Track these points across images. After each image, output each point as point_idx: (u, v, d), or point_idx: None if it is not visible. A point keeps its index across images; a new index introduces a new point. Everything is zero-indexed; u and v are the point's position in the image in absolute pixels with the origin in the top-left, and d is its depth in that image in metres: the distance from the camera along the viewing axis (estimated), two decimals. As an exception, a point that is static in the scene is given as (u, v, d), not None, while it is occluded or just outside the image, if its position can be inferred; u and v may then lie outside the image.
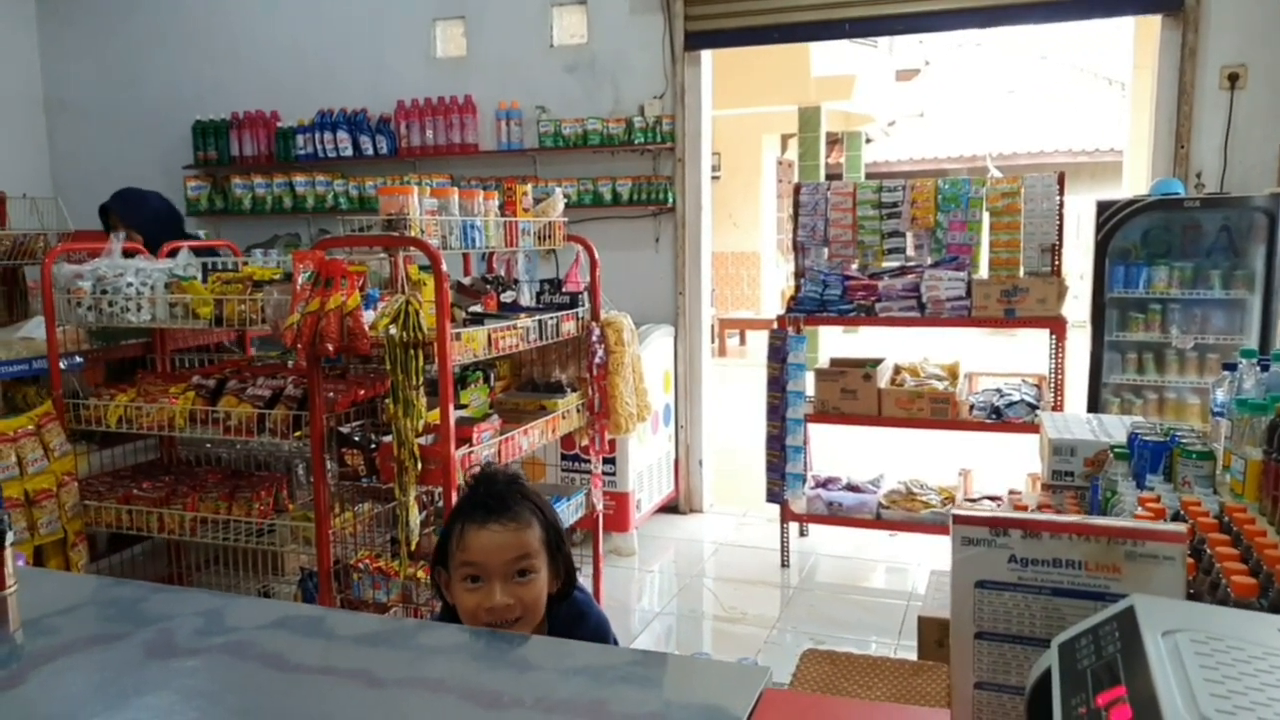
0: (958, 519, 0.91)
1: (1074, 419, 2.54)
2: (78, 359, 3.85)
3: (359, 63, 5.81)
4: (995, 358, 7.62)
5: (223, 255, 4.50)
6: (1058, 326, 4.11)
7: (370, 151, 5.72)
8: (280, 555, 3.51)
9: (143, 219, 4.27)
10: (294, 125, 5.91)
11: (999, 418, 4.19)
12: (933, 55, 15.05)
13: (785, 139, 13.11)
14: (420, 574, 2.99)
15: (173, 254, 3.72)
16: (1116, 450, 2.04)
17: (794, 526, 4.64)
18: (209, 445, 3.93)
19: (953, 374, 4.57)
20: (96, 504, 3.54)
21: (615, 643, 1.69)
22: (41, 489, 3.45)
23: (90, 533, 3.58)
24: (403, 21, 5.69)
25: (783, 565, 4.53)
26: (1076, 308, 4.59)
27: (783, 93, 9.91)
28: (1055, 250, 4.22)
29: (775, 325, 4.40)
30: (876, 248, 4.52)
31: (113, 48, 6.46)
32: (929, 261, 4.42)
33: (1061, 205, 4.22)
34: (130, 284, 3.40)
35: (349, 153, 5.76)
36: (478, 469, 2.58)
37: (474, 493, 1.65)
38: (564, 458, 4.58)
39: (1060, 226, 4.22)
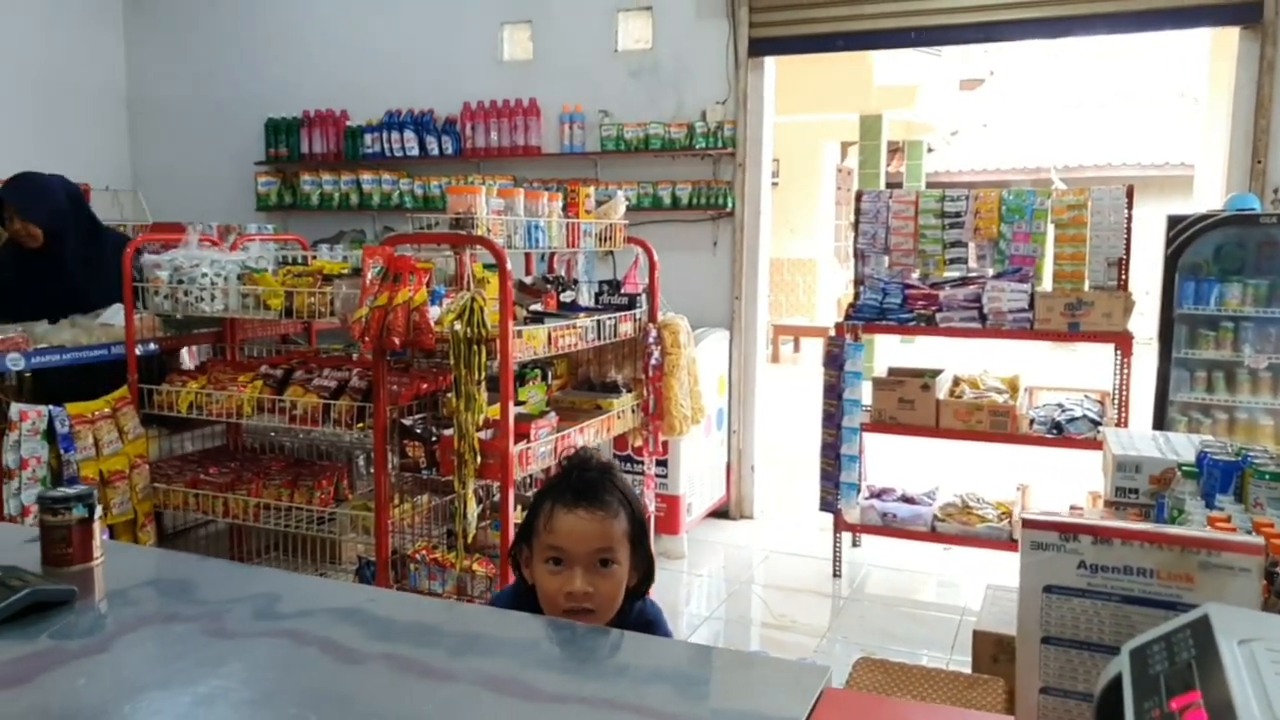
0: (1027, 523, 0.91)
1: (1140, 435, 2.49)
2: (153, 346, 3.99)
3: (427, 64, 5.92)
4: (1056, 372, 7.49)
5: (290, 249, 4.62)
6: (1123, 342, 4.03)
7: (435, 152, 5.82)
8: (339, 543, 3.60)
9: (44, 214, 3.75)
10: (362, 124, 6.04)
11: (1060, 433, 4.12)
12: (998, 65, 14.81)
13: (845, 146, 13.03)
14: (476, 566, 3.04)
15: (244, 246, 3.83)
16: (1185, 468, 2.01)
17: (846, 536, 4.61)
18: (273, 433, 4.04)
19: (1013, 387, 4.50)
20: (165, 486, 3.66)
21: (667, 631, 1.69)
22: (115, 470, 3.58)
23: (157, 514, 3.71)
24: (471, 25, 5.79)
25: (834, 575, 4.50)
26: (1142, 324, 4.49)
27: (844, 100, 9.85)
28: (1122, 264, 4.14)
29: (833, 332, 4.38)
30: (938, 257, 4.47)
31: (192, 48, 6.67)
32: (991, 273, 4.37)
33: (1130, 219, 4.14)
34: (205, 274, 3.51)
35: (415, 152, 5.87)
36: (573, 451, 2.59)
37: (567, 476, 1.65)
38: (617, 457, 4.61)
39: (1128, 240, 4.14)
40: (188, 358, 4.71)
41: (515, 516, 3.11)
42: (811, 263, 12.38)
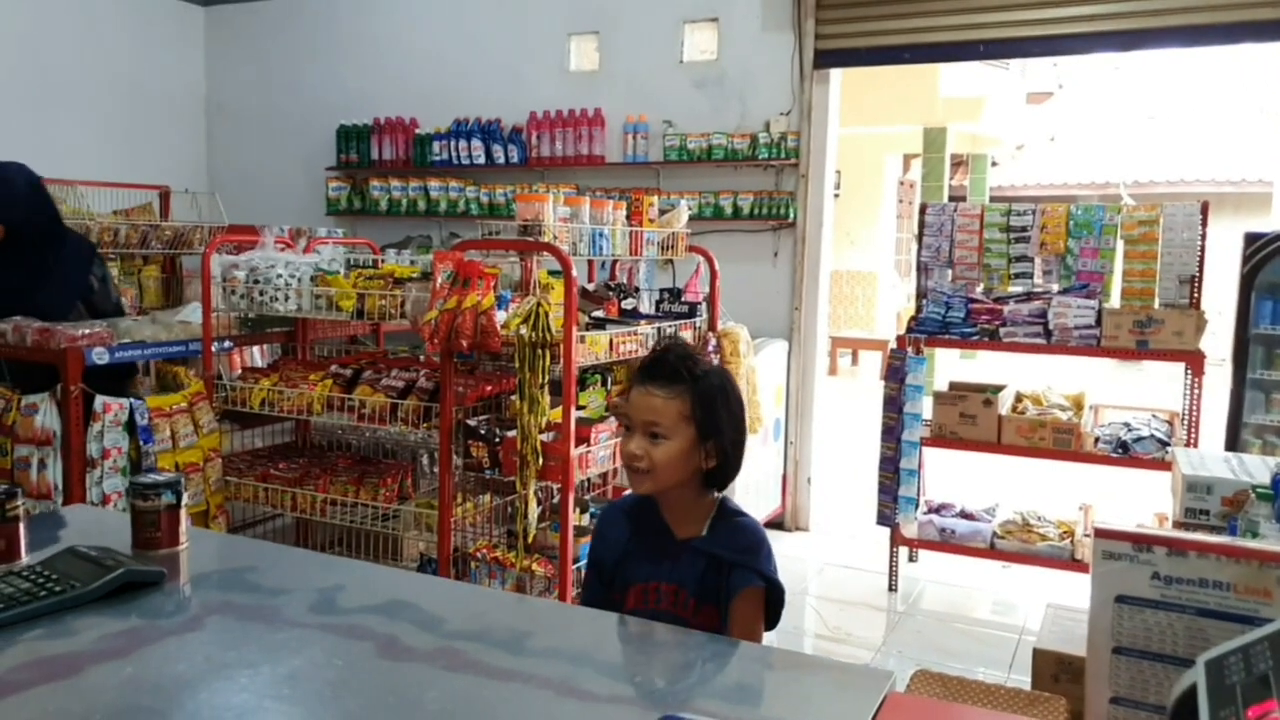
0: (1100, 532, 0.91)
1: (1211, 456, 2.44)
2: (228, 343, 4.13)
3: (495, 74, 6.03)
4: (1122, 391, 7.31)
5: (360, 252, 4.74)
6: (1195, 361, 3.94)
7: (501, 160, 5.92)
8: (401, 540, 3.68)
9: (9, 215, 3.39)
10: (431, 132, 6.16)
11: (1126, 452, 4.03)
12: (1067, 78, 14.54)
13: (908, 159, 12.90)
14: (536, 567, 3.09)
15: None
16: (1259, 490, 1.97)
17: (903, 551, 4.56)
18: (340, 431, 4.15)
19: (1078, 405, 4.42)
20: (237, 480, 3.78)
21: (771, 559, 1.76)
22: (190, 462, 3.71)
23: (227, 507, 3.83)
24: (539, 35, 5.88)
25: (890, 589, 4.46)
26: (1214, 344, 4.38)
27: (909, 112, 9.77)
28: (1195, 282, 4.04)
29: (895, 345, 4.35)
30: (1002, 271, 4.42)
31: (269, 56, 6.88)
32: (1057, 288, 4.30)
33: (1204, 236, 4.04)
34: (280, 275, 3.63)
35: (481, 160, 5.97)
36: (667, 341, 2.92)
37: (650, 356, 1.86)
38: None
39: (1202, 258, 4.04)
40: (259, 356, 4.87)
41: (575, 518, 3.15)
42: (871, 275, 12.27)
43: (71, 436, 3.48)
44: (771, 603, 1.75)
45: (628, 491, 1.89)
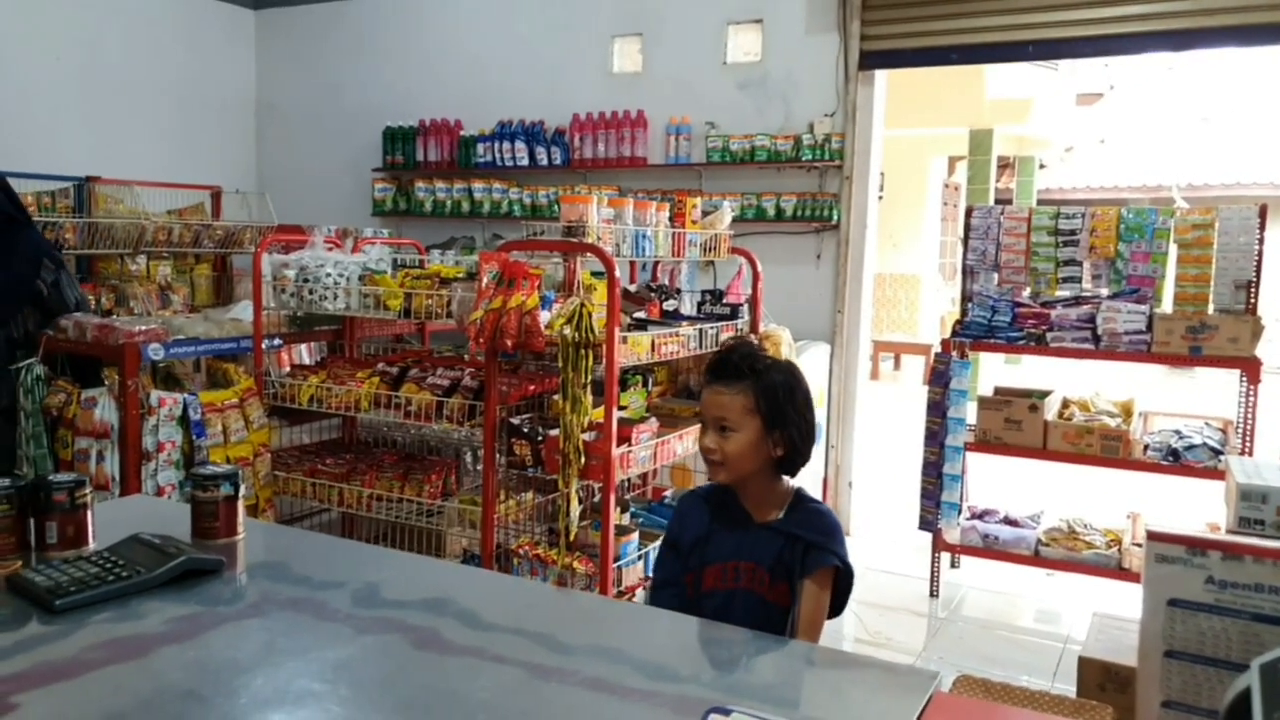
0: (1153, 535, 0.91)
1: (1267, 465, 2.39)
2: (277, 341, 4.22)
3: (539, 76, 6.08)
4: (1171, 399, 7.17)
5: (406, 252, 4.81)
6: (1250, 368, 3.85)
7: (544, 162, 5.96)
8: (444, 536, 3.73)
9: None
10: (475, 134, 6.22)
11: (1176, 460, 3.96)
12: (1118, 79, 14.28)
13: (953, 161, 12.76)
14: (577, 565, 3.11)
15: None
16: (1316, 499, 1.92)
17: (945, 556, 4.52)
18: (386, 428, 4.21)
19: (1126, 411, 4.35)
20: (285, 474, 3.85)
21: (844, 546, 1.89)
22: (240, 457, 3.79)
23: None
24: (583, 38, 5.92)
25: (931, 595, 4.43)
26: (1271, 350, 4.28)
27: (954, 114, 9.67)
28: (1251, 287, 3.96)
29: (939, 348, 4.32)
30: (1050, 275, 4.36)
31: (318, 59, 7.00)
32: (1106, 292, 4.23)
33: (1261, 240, 3.96)
34: (329, 274, 3.70)
35: (525, 162, 6.02)
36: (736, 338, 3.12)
37: (715, 356, 1.99)
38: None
39: (1259, 263, 3.96)
40: (306, 354, 4.96)
41: (616, 517, 3.17)
42: (915, 278, 12.15)
43: (128, 430, 3.58)
44: (841, 590, 1.87)
45: (669, 492, 2.04)
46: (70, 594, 1.29)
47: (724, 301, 3.83)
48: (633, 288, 4.03)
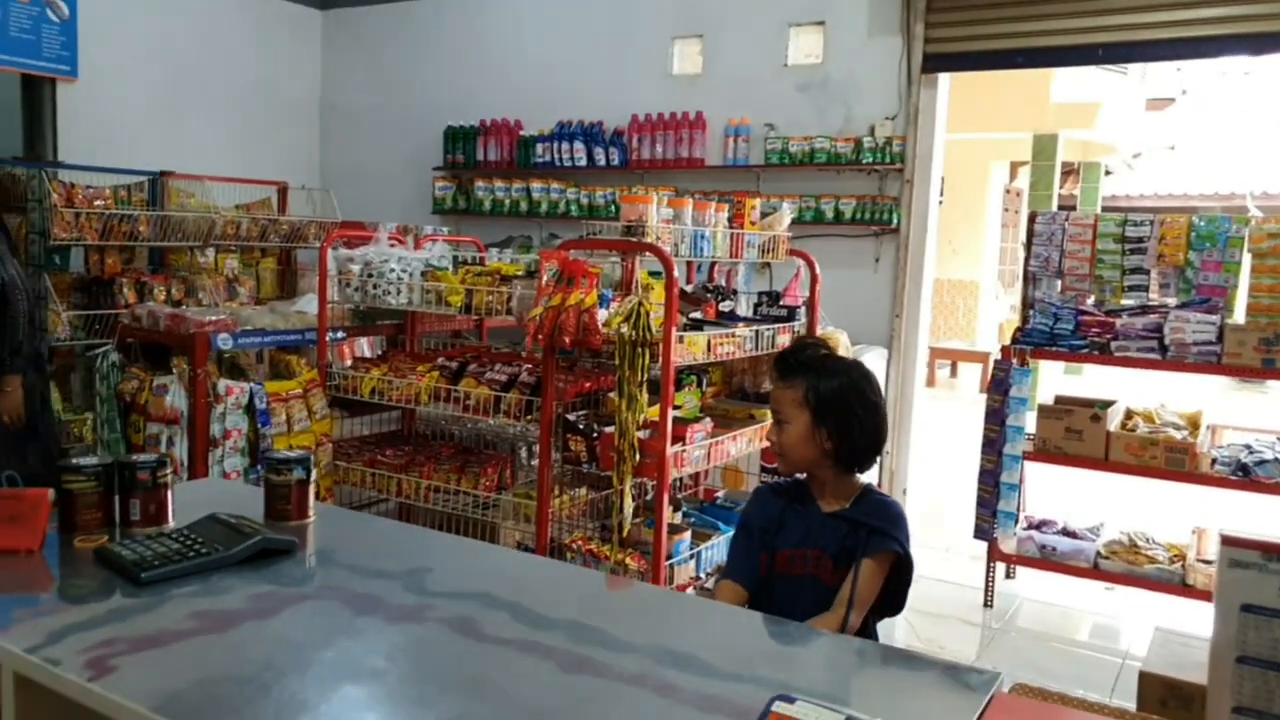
0: (1227, 540, 0.90)
1: (1342, 480, 2.32)
2: (340, 334, 4.32)
3: (598, 77, 6.12)
4: (1240, 412, 6.97)
5: (465, 250, 4.89)
6: (1325, 382, 3.73)
7: (602, 162, 6.00)
8: (499, 529, 3.78)
9: None
10: (535, 134, 6.29)
11: (1246, 475, 3.85)
12: (1191, 84, 13.89)
13: (1015, 167, 12.54)
14: (629, 561, 3.14)
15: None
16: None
17: (1000, 567, 4.46)
18: (443, 421, 4.28)
19: (1193, 424, 4.24)
20: (346, 464, 3.94)
21: (908, 536, 1.96)
22: (303, 446, 3.88)
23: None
24: (643, 39, 5.95)
25: (985, 605, 4.36)
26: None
27: (1018, 118, 9.50)
28: (1328, 299, 3.83)
29: (999, 355, 4.26)
30: (1115, 284, 4.28)
31: (382, 59, 7.14)
32: (1174, 302, 4.14)
33: (1340, 250, 3.83)
34: (393, 270, 3.77)
35: (583, 162, 6.07)
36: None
37: (779, 353, 2.11)
38: (763, 469, 4.62)
39: (1337, 273, 3.83)
40: (367, 348, 5.06)
41: (668, 516, 3.19)
42: (973, 285, 11.97)
43: (197, 417, 3.69)
44: (901, 582, 1.95)
45: (720, 493, 2.13)
46: (155, 567, 1.35)
47: (781, 303, 3.83)
48: (689, 288, 4.05)
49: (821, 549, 1.95)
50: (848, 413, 1.95)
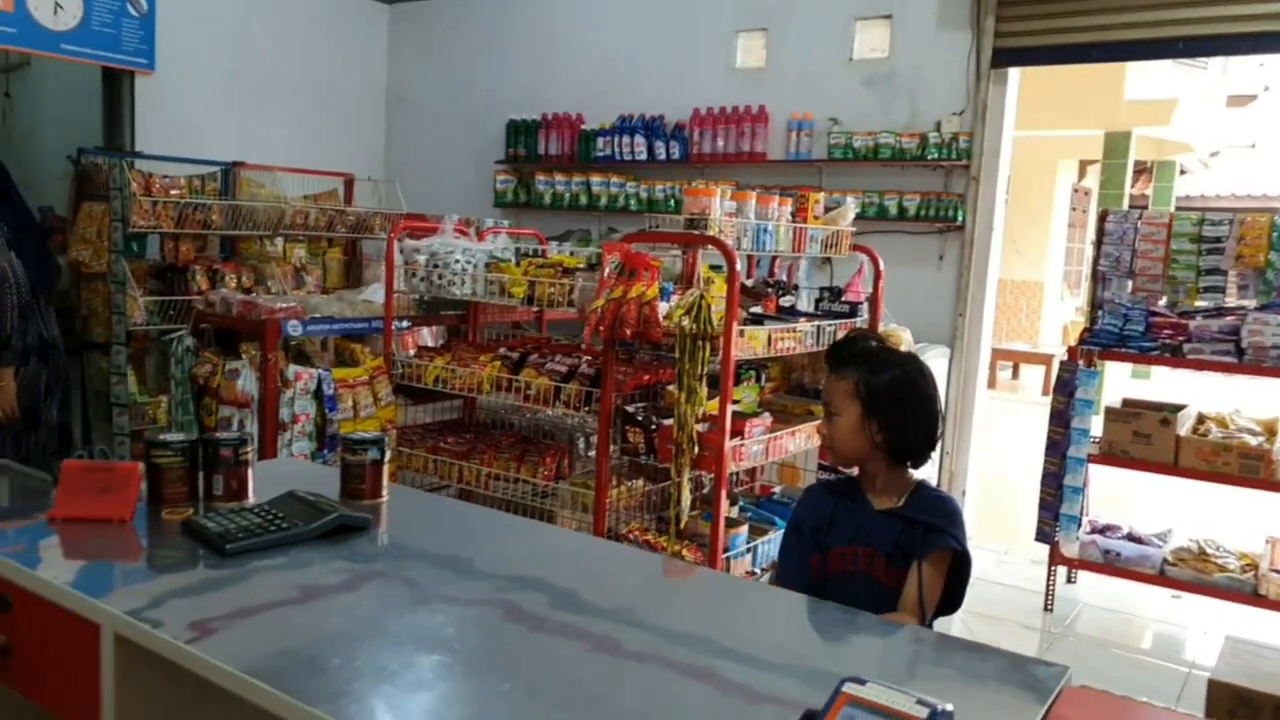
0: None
1: None
2: (405, 323, 4.40)
3: (661, 71, 6.13)
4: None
5: (527, 243, 4.94)
6: None
7: (663, 156, 6.01)
8: (556, 518, 3.82)
9: None
10: (596, 128, 6.32)
11: (1323, 485, 3.73)
12: (1275, 79, 13.39)
13: (1084, 165, 12.24)
14: (685, 553, 3.15)
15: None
16: None
17: (1061, 571, 4.38)
18: (503, 411, 4.34)
19: (1270, 430, 4.11)
20: (409, 451, 4.01)
21: (964, 532, 1.92)
22: (368, 431, 3.97)
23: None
24: (706, 33, 5.95)
25: (1045, 609, 4.29)
26: None
27: (1089, 115, 9.27)
28: None
29: (1065, 356, 4.18)
30: (1190, 285, 4.16)
31: (447, 53, 7.24)
32: (1254, 304, 4.01)
33: None
34: (458, 261, 3.83)
35: (643, 156, 6.08)
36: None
37: (832, 345, 2.14)
38: (821, 467, 4.60)
39: None
40: (429, 337, 5.15)
41: (725, 509, 3.20)
42: (1037, 285, 11.73)
43: (267, 401, 3.80)
44: (959, 579, 1.90)
45: (777, 489, 2.11)
46: (239, 540, 1.40)
47: (843, 299, 3.80)
48: (750, 282, 4.04)
49: (874, 546, 1.92)
50: (900, 405, 1.92)
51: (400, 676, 1.08)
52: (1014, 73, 5.06)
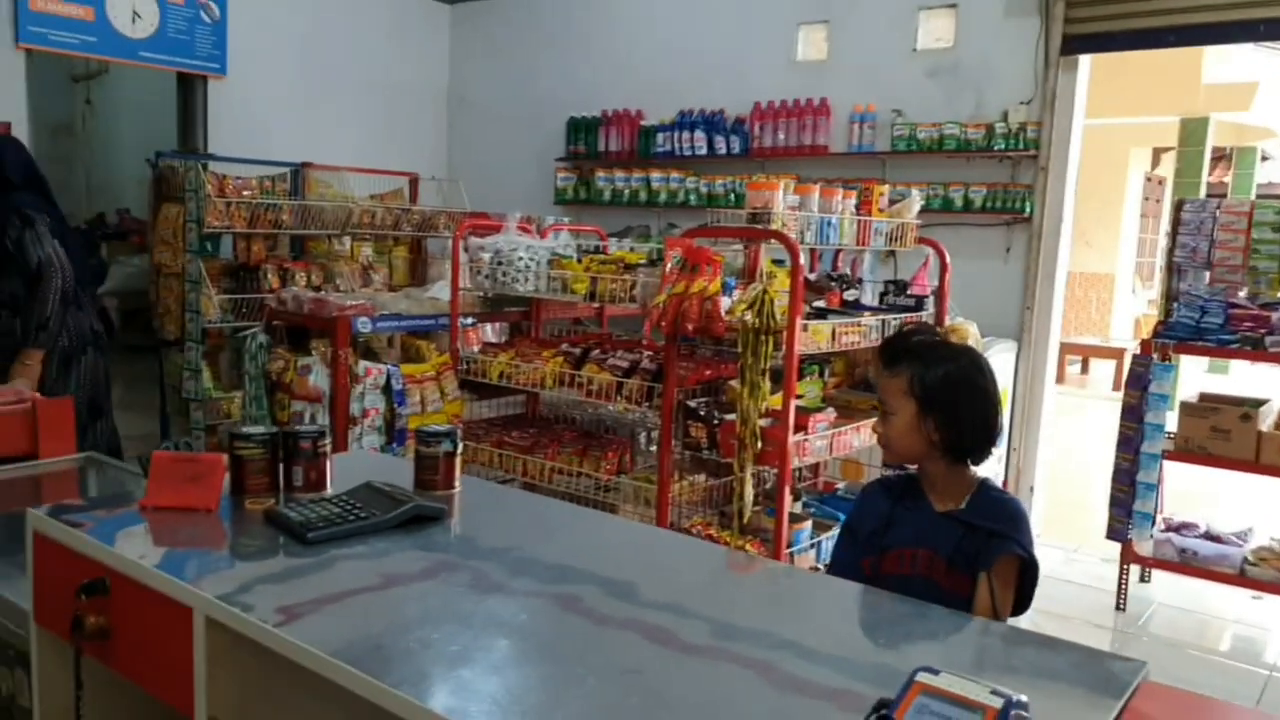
0: None
1: None
2: (470, 319, 4.47)
3: (721, 65, 6.11)
4: None
5: (588, 239, 4.98)
6: None
7: (723, 150, 6.00)
8: (618, 511, 3.85)
9: None
10: (656, 124, 6.33)
11: None
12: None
13: (1158, 153, 11.87)
14: (748, 548, 3.16)
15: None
16: None
17: (1134, 570, 4.27)
18: (565, 406, 4.39)
19: (1357, 426, 3.96)
20: (474, 445, 4.08)
21: (1029, 535, 1.86)
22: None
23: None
24: (767, 26, 5.92)
25: (1117, 608, 4.19)
26: None
27: (1163, 101, 8.98)
28: None
29: (1139, 349, 4.07)
30: (1273, 275, 4.03)
31: (507, 52, 7.32)
32: (1340, 295, 3.87)
33: None
34: (521, 258, 3.88)
35: (703, 151, 6.08)
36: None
37: (884, 341, 2.07)
38: (885, 465, 4.55)
39: None
40: (491, 333, 5.22)
41: (789, 505, 3.19)
42: (1108, 278, 11.41)
43: (338, 396, 3.89)
44: (1026, 583, 1.83)
45: (840, 485, 2.07)
46: (320, 529, 1.46)
47: (908, 293, 3.76)
48: (812, 276, 4.02)
49: (934, 549, 1.86)
50: (956, 402, 1.85)
51: (477, 661, 1.11)
52: (1084, 59, 4.94)
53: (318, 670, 1.09)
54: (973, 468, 1.95)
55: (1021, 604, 1.90)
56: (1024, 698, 0.86)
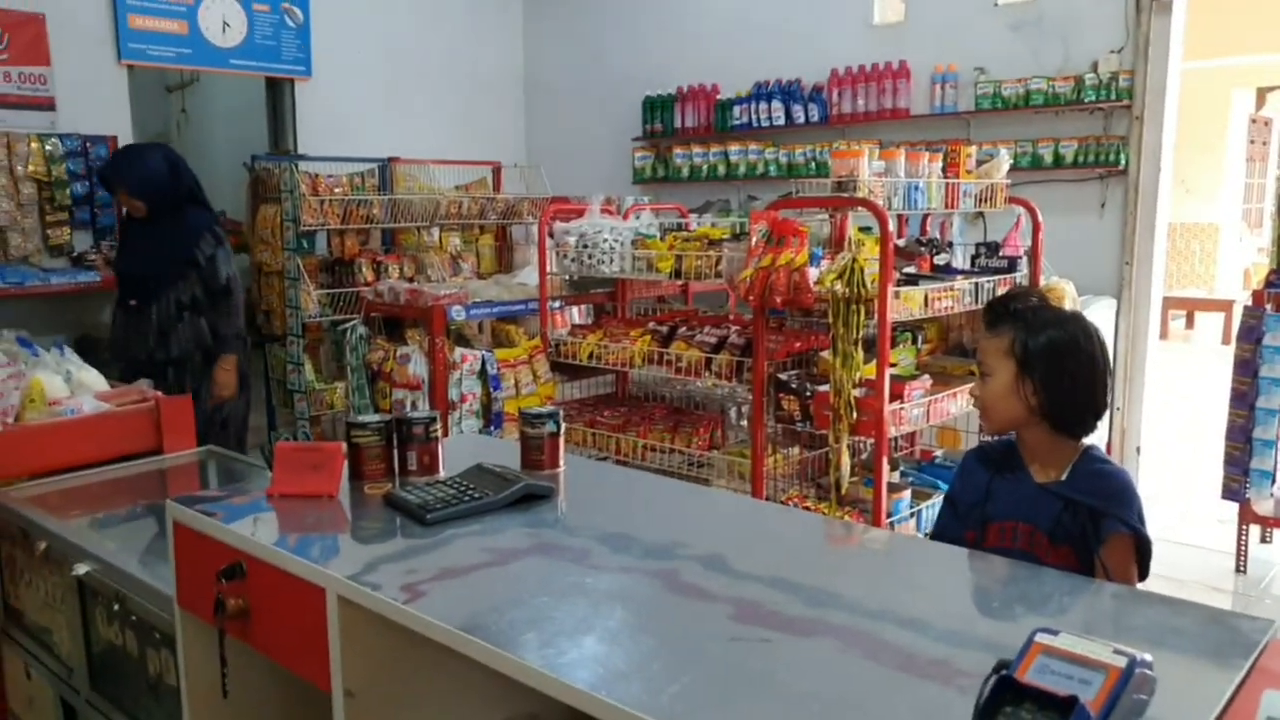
0: None
1: None
2: (558, 302, 4.54)
3: (797, 33, 6.03)
4: None
5: (668, 217, 4.99)
6: None
7: (801, 120, 5.92)
8: (711, 486, 3.88)
9: (134, 183, 3.92)
10: (732, 97, 6.29)
11: None
12: None
13: (1262, 93, 11.24)
14: (848, 518, 3.15)
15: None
16: None
17: (1254, 530, 4.11)
18: (654, 384, 4.43)
19: None
20: (568, 425, 4.14)
21: (1135, 507, 1.78)
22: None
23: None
24: (842, -10, 5.80)
25: (1237, 570, 4.05)
26: None
27: (1266, 37, 8.48)
28: None
29: (1250, 301, 3.90)
30: (1396, 215, 3.79)
31: (581, 33, 7.34)
32: None
33: None
34: (606, 240, 3.93)
35: (781, 121, 6.02)
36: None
37: (991, 302, 2.01)
38: (983, 433, 4.47)
39: None
40: (577, 315, 5.29)
41: (887, 474, 3.17)
42: (1212, 227, 10.89)
43: (436, 382, 4.01)
44: (1141, 556, 1.76)
45: (938, 453, 2.03)
46: (437, 510, 1.52)
47: (1000, 254, 3.67)
48: (901, 242, 3.96)
49: (1034, 523, 1.79)
50: (1059, 366, 1.78)
51: (598, 631, 1.16)
52: (1179, 1, 4.70)
53: (448, 643, 1.15)
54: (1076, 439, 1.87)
55: (1139, 575, 1.83)
56: (1148, 656, 0.86)
